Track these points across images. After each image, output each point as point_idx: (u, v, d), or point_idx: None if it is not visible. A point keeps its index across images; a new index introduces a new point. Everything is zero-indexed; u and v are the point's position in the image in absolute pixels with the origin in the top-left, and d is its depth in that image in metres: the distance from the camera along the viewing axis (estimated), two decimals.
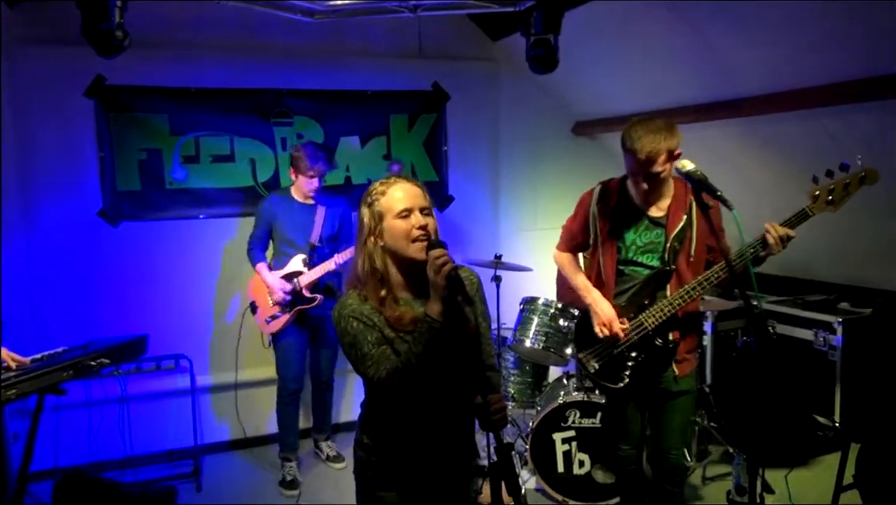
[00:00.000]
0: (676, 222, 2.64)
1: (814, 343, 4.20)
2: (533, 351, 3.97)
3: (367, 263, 1.95)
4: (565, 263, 2.94)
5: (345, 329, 1.93)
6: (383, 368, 1.87)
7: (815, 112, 3.37)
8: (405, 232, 1.91)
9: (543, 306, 3.98)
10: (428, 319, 1.82)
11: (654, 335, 2.68)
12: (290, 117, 4.51)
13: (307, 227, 3.98)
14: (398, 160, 4.79)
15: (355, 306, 1.94)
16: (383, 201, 1.95)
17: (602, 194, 2.76)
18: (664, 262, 2.67)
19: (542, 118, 5.20)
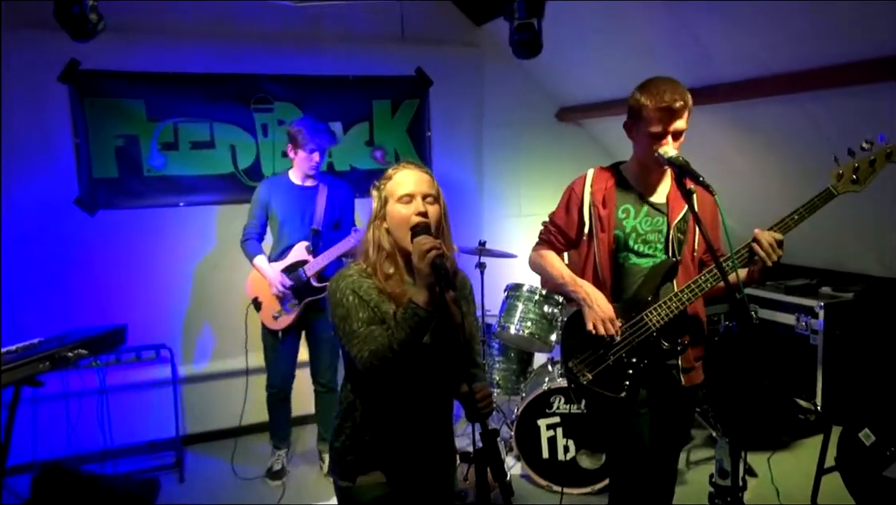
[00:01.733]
0: (678, 210, 2.43)
1: (796, 327, 4.25)
2: (517, 338, 3.99)
3: (374, 242, 1.98)
4: (548, 260, 2.58)
5: (339, 301, 1.93)
6: (367, 348, 1.87)
7: (798, 97, 3.39)
8: (404, 218, 1.93)
9: (528, 293, 3.99)
10: (412, 305, 1.83)
11: (659, 337, 2.40)
12: (271, 103, 4.47)
13: (308, 211, 3.80)
14: (381, 147, 4.78)
15: (355, 278, 1.94)
16: (389, 185, 1.98)
17: (596, 178, 2.51)
18: (669, 253, 2.43)
19: (526, 104, 5.20)
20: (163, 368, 4.33)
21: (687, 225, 2.43)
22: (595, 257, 2.47)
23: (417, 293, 1.83)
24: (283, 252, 3.82)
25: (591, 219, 2.46)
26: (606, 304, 2.39)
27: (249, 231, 3.86)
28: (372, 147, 4.75)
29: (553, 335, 3.94)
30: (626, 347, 2.39)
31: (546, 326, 3.93)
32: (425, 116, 4.90)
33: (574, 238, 2.55)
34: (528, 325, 3.91)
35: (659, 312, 2.36)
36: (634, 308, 2.40)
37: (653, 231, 2.43)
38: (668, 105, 2.25)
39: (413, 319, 1.82)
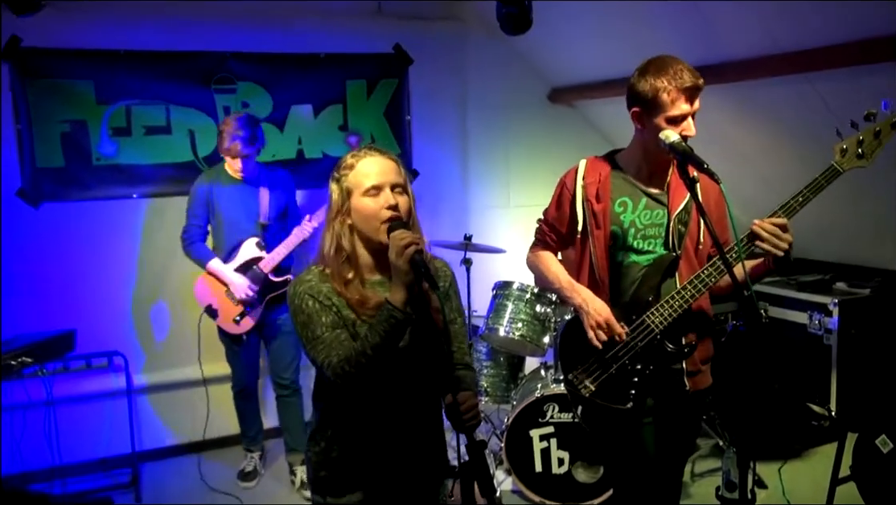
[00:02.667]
0: (678, 200, 2.42)
1: (808, 326, 4.31)
2: (507, 340, 4.01)
3: (334, 242, 1.96)
4: (544, 262, 2.61)
5: (299, 307, 1.94)
6: (335, 353, 1.88)
7: (808, 76, 3.43)
8: (373, 212, 1.92)
9: (518, 291, 4.01)
10: (388, 307, 1.83)
11: (664, 339, 2.38)
12: (234, 83, 4.45)
13: (253, 206, 3.89)
14: (356, 131, 4.77)
15: (313, 283, 1.95)
16: (351, 176, 1.96)
17: (589, 169, 2.51)
18: (669, 246, 2.43)
19: (515, 84, 5.21)
20: (116, 377, 4.31)
21: (689, 216, 2.43)
22: (591, 256, 2.46)
23: (394, 292, 1.84)
24: (232, 251, 3.88)
25: (585, 215, 2.46)
26: (603, 306, 2.38)
27: (193, 232, 3.88)
28: (346, 132, 4.74)
29: (546, 337, 3.96)
30: (629, 352, 2.38)
31: (538, 327, 3.95)
32: (404, 98, 4.90)
33: (567, 235, 2.55)
34: (518, 326, 3.93)
35: (661, 313, 2.35)
36: (635, 310, 2.39)
37: (652, 225, 2.42)
38: (692, 85, 2.27)
39: (389, 321, 1.82)
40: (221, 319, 3.91)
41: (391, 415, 2.02)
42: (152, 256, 4.41)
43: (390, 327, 1.83)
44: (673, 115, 2.28)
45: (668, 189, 2.45)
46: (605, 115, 5.19)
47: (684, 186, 2.40)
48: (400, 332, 1.85)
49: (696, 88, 2.28)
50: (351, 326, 1.94)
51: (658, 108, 2.30)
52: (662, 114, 2.29)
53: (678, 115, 2.28)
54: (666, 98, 2.27)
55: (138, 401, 4.44)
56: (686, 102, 2.28)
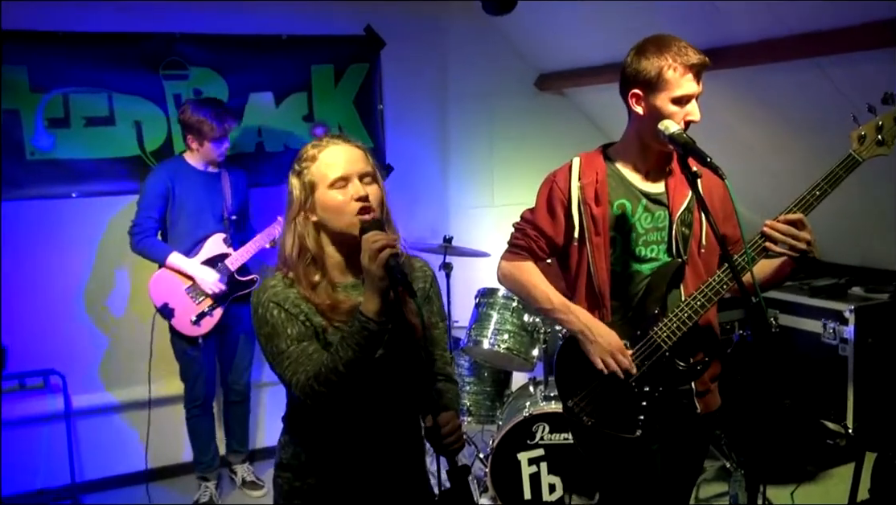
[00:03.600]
0: (680, 199, 2.40)
1: (822, 336, 4.34)
2: (492, 354, 4.00)
3: (297, 242, 1.95)
4: (529, 276, 2.51)
5: (263, 317, 1.92)
6: (303, 369, 1.86)
7: (819, 61, 3.46)
8: (342, 205, 1.92)
9: (504, 299, 4.01)
10: (361, 317, 1.82)
11: (673, 356, 2.35)
12: (185, 68, 4.42)
13: (217, 200, 4.00)
14: (323, 122, 4.75)
15: (279, 289, 1.94)
16: (314, 168, 1.95)
17: (585, 168, 2.45)
18: (673, 252, 2.41)
19: (499, 70, 5.20)
20: (53, 398, 4.26)
21: (692, 216, 2.42)
22: (589, 267, 2.42)
23: (367, 301, 1.82)
24: (195, 246, 3.97)
25: (583, 220, 2.41)
26: (610, 333, 2.35)
27: (145, 225, 3.92)
28: (311, 123, 4.72)
29: (535, 350, 3.96)
30: (635, 373, 2.35)
31: (526, 339, 3.95)
32: (376, 85, 4.88)
33: (560, 244, 2.50)
34: (504, 338, 3.93)
35: (669, 326, 2.32)
36: (639, 324, 2.37)
37: (654, 228, 2.41)
38: (699, 62, 2.27)
39: (362, 332, 1.81)
40: (178, 320, 3.96)
41: (368, 437, 2.00)
42: (95, 262, 4.36)
43: (364, 340, 1.81)
44: (679, 94, 2.27)
45: (667, 188, 2.43)
46: (598, 103, 5.20)
47: (686, 183, 2.38)
48: (374, 344, 1.84)
49: (703, 66, 2.28)
50: (322, 334, 1.93)
51: (662, 88, 2.28)
52: (667, 93, 2.27)
53: (685, 94, 2.27)
54: (672, 75, 2.26)
55: (78, 425, 4.39)
56: (693, 81, 2.28)
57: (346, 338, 1.83)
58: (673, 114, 2.28)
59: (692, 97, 2.29)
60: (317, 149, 1.97)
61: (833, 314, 4.29)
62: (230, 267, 3.99)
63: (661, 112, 2.29)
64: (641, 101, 2.34)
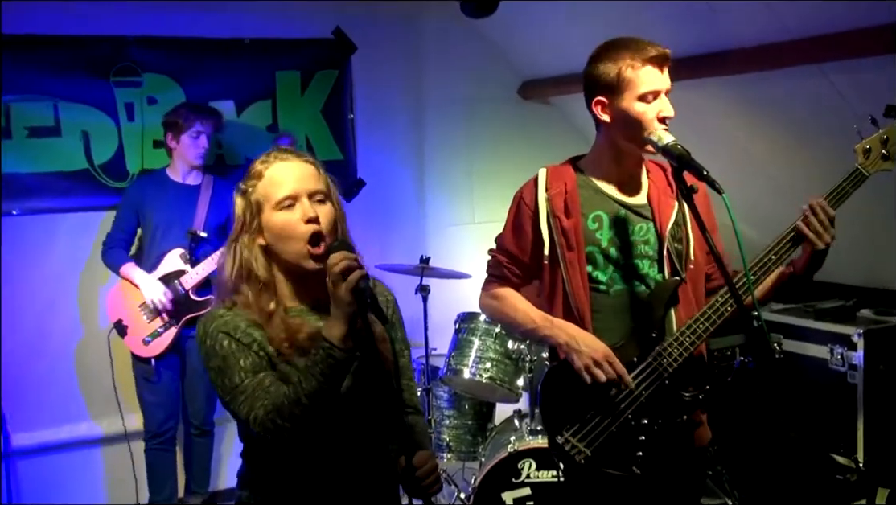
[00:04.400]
0: (667, 211, 2.40)
1: (829, 362, 4.36)
2: (474, 384, 3.99)
3: (239, 267, 1.94)
4: (507, 301, 2.53)
5: (212, 349, 1.90)
6: (260, 404, 1.84)
7: (823, 67, 3.50)
8: (289, 227, 1.90)
9: (486, 325, 4.00)
10: (325, 345, 1.80)
11: (674, 385, 2.33)
12: (139, 75, 4.41)
13: (186, 212, 4.03)
14: (288, 133, 4.74)
15: (228, 318, 1.92)
16: (260, 187, 1.94)
17: (551, 179, 2.46)
18: (664, 269, 2.39)
19: (480, 77, 5.23)
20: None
21: (682, 231, 2.42)
22: (564, 286, 2.40)
23: (332, 326, 1.81)
24: (157, 261, 4.02)
25: (553, 234, 2.41)
26: (596, 341, 2.32)
27: (115, 237, 4.06)
28: (275, 134, 4.71)
29: (520, 379, 3.95)
30: (632, 404, 2.32)
31: (511, 367, 3.94)
32: (346, 93, 4.89)
33: (532, 265, 2.49)
34: (486, 367, 3.92)
35: (670, 352, 2.31)
36: (635, 350, 2.35)
37: (638, 243, 2.40)
38: (658, 53, 2.28)
39: (326, 361, 1.79)
40: (130, 338, 4.01)
41: (335, 475, 1.98)
42: (39, 285, 4.32)
43: (329, 369, 1.80)
44: (644, 90, 2.28)
45: (650, 200, 2.43)
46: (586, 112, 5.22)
47: (670, 195, 2.41)
48: (340, 374, 1.83)
49: (663, 58, 2.30)
50: (283, 364, 1.91)
51: (624, 88, 2.29)
52: (631, 92, 2.29)
53: (650, 90, 2.28)
54: (631, 73, 2.28)
55: (18, 466, 4.33)
56: (657, 73, 2.29)
57: (309, 367, 1.82)
58: (641, 113, 2.28)
59: (659, 92, 2.30)
60: (264, 165, 1.95)
61: (841, 339, 4.31)
62: (184, 285, 3.99)
63: (630, 114, 2.30)
64: (607, 108, 2.36)
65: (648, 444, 2.32)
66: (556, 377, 2.42)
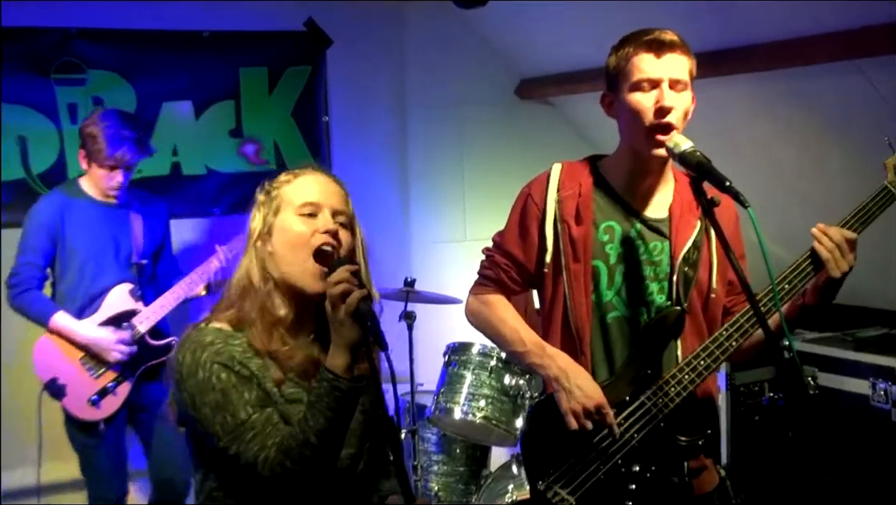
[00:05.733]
0: (687, 231, 2.40)
1: (871, 398, 4.37)
2: (466, 424, 3.98)
3: (254, 275, 1.96)
4: (497, 311, 2.53)
5: (206, 382, 1.87)
6: (272, 442, 1.84)
7: (859, 63, 3.53)
8: (302, 236, 1.93)
9: (480, 357, 3.99)
10: (329, 376, 1.81)
11: (669, 428, 2.33)
12: (83, 71, 4.42)
13: (124, 239, 3.84)
14: (254, 138, 4.75)
15: (220, 346, 1.90)
16: (286, 189, 2.00)
17: (565, 178, 2.47)
18: (672, 296, 2.39)
19: (471, 75, 5.25)
20: None
21: (699, 255, 2.41)
22: (566, 302, 2.40)
23: (334, 356, 1.83)
24: (92, 302, 3.78)
25: (559, 241, 2.41)
26: (591, 383, 2.31)
27: (26, 276, 3.74)
28: (240, 139, 4.73)
29: (519, 419, 3.94)
30: (622, 448, 2.32)
31: (508, 405, 3.93)
32: (320, 93, 4.91)
33: (535, 272, 2.50)
34: (480, 405, 3.91)
35: (666, 391, 2.31)
36: (628, 387, 2.35)
37: (648, 263, 2.41)
38: (653, 38, 2.29)
39: (332, 394, 1.81)
40: (70, 400, 3.75)
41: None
42: None
43: (336, 403, 1.81)
44: (637, 78, 2.29)
45: (671, 215, 2.43)
46: (593, 115, 5.22)
47: (693, 213, 2.40)
48: (349, 407, 1.85)
49: (660, 42, 2.29)
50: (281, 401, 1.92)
51: (622, 79, 2.33)
52: (626, 83, 2.31)
53: (643, 78, 2.28)
54: (625, 62, 2.31)
55: None
56: (653, 59, 2.28)
57: (314, 402, 1.83)
58: (637, 103, 2.29)
59: (658, 81, 2.29)
60: (295, 174, 2.04)
61: (884, 372, 4.31)
62: (139, 328, 3.80)
63: (627, 106, 2.32)
64: (612, 105, 2.40)
65: (639, 493, 2.32)
66: (540, 414, 2.42)
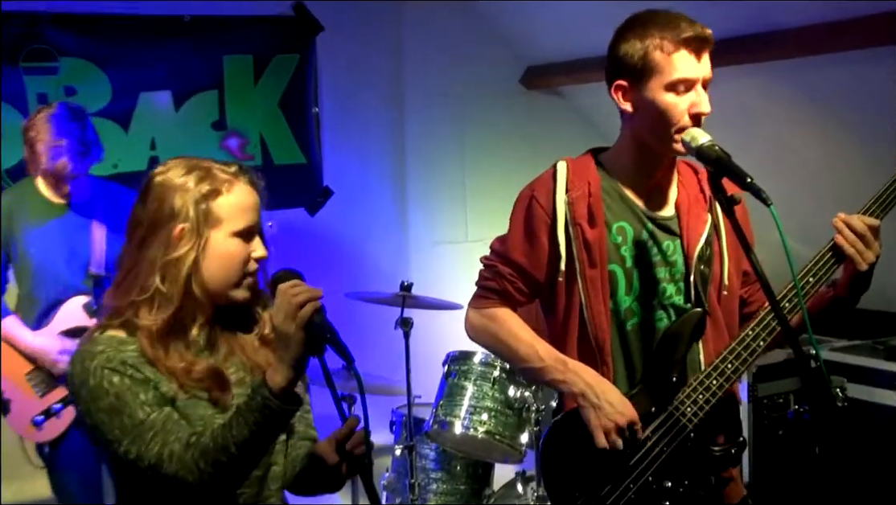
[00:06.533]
0: (698, 228, 2.42)
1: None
2: (467, 440, 3.98)
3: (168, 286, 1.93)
4: (506, 325, 2.52)
5: (97, 388, 1.88)
6: (174, 438, 1.86)
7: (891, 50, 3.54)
8: (240, 259, 1.97)
9: (482, 367, 3.99)
10: (264, 391, 1.82)
11: (700, 437, 2.35)
12: (54, 59, 4.42)
13: (81, 247, 3.81)
14: (238, 131, 4.75)
15: (109, 353, 1.91)
16: (223, 202, 1.96)
17: (573, 177, 2.45)
18: (688, 297, 2.41)
19: (474, 62, 5.26)
20: None
21: (711, 250, 2.43)
22: (582, 311, 2.40)
23: (276, 371, 1.83)
24: (45, 315, 3.79)
25: (574, 247, 2.40)
26: (621, 397, 2.32)
27: None
28: (223, 132, 4.73)
29: (524, 435, 3.94)
30: (653, 463, 2.33)
31: (512, 419, 3.93)
32: (310, 82, 4.92)
33: (545, 282, 2.49)
34: (482, 419, 3.90)
35: (695, 399, 2.32)
36: (653, 397, 2.37)
37: (663, 264, 2.42)
38: (694, 34, 2.26)
39: (263, 410, 1.81)
40: (14, 419, 3.77)
41: None
42: None
43: (263, 420, 1.82)
44: (675, 78, 2.26)
45: (679, 211, 2.44)
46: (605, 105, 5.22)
47: (702, 207, 2.42)
48: (276, 427, 1.87)
49: (702, 40, 2.27)
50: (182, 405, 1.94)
51: (651, 73, 2.29)
52: (659, 79, 2.27)
53: (682, 78, 2.26)
54: (660, 56, 2.27)
55: None
56: (693, 59, 2.27)
57: (242, 412, 1.83)
58: (670, 106, 2.27)
59: (694, 82, 2.28)
60: (232, 176, 2.00)
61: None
62: None
63: (655, 105, 2.29)
64: (628, 95, 2.37)
65: None
66: (560, 433, 2.43)
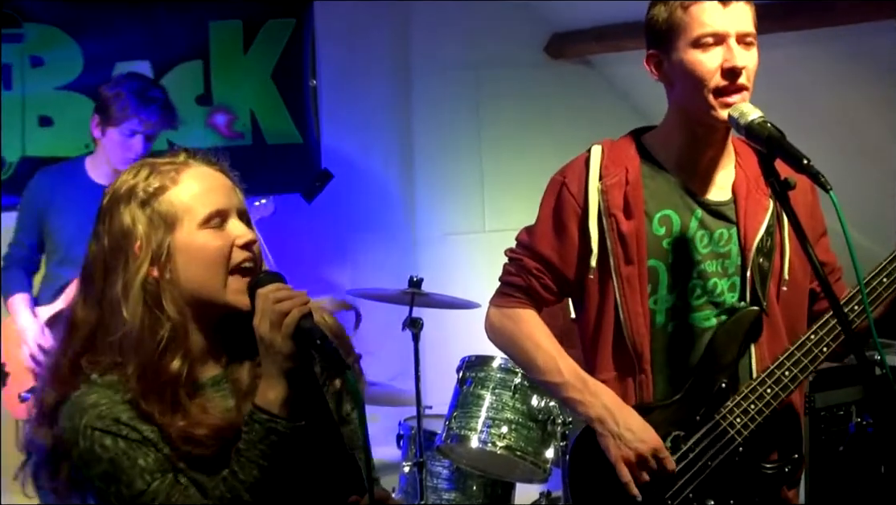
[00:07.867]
0: (758, 215, 2.41)
1: None
2: (484, 455, 4.00)
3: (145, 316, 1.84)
4: (527, 329, 2.54)
5: (89, 453, 1.83)
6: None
7: None
8: (218, 253, 1.87)
9: (501, 373, 3.99)
10: (262, 416, 1.80)
11: (750, 452, 2.36)
12: (19, 25, 4.45)
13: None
14: (225, 106, 4.77)
15: (102, 408, 1.85)
16: (174, 197, 1.89)
17: (609, 162, 2.45)
18: (747, 294, 2.41)
19: (491, 29, 5.26)
20: None
21: (773, 242, 2.42)
22: (618, 311, 2.41)
23: (267, 388, 1.81)
24: (55, 292, 3.97)
25: (606, 240, 2.42)
26: (642, 423, 2.33)
27: (15, 254, 4.06)
28: (209, 107, 4.76)
29: (549, 450, 3.94)
30: (695, 478, 2.34)
31: (535, 433, 3.94)
32: (306, 51, 4.93)
33: (574, 280, 2.50)
34: (502, 432, 3.91)
35: (745, 409, 2.33)
36: (698, 405, 2.38)
37: (713, 256, 2.42)
38: None
39: (267, 439, 1.80)
40: (7, 391, 4.01)
41: None
42: None
43: (272, 450, 1.80)
44: (700, 33, 2.27)
45: (735, 195, 2.43)
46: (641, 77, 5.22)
47: (763, 192, 2.39)
48: (287, 454, 1.83)
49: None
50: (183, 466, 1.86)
51: (678, 34, 2.31)
52: (685, 38, 2.29)
53: (708, 32, 2.27)
54: (681, 13, 2.29)
55: None
56: (720, 10, 2.27)
57: (243, 452, 1.79)
58: (699, 63, 2.28)
59: (724, 36, 2.28)
60: (174, 166, 1.92)
61: None
62: None
63: (684, 66, 2.30)
64: (662, 65, 2.39)
65: None
66: (589, 447, 2.43)
